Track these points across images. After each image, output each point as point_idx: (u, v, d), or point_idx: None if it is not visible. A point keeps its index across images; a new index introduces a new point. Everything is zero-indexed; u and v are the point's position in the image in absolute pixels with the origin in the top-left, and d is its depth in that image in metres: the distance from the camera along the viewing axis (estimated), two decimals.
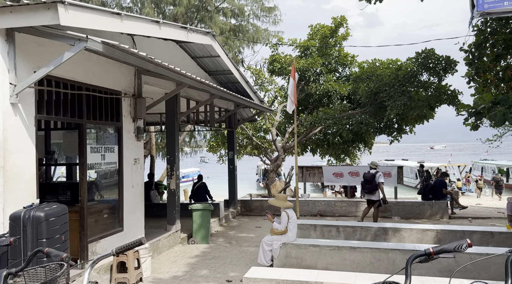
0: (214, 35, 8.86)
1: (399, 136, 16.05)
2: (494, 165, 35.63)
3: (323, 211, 12.94)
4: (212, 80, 11.14)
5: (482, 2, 3.41)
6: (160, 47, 8.18)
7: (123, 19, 5.36)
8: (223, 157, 18.75)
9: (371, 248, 6.15)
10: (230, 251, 8.07)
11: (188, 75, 6.70)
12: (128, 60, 5.14)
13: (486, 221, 11.61)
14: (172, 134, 8.62)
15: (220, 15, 18.31)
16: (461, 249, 2.06)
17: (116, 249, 2.38)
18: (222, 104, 11.63)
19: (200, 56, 9.87)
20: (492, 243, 7.11)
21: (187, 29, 7.44)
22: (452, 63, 13.76)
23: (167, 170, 8.70)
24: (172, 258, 7.64)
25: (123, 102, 6.78)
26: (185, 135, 20.37)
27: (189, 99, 9.52)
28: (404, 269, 2.13)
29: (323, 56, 16.56)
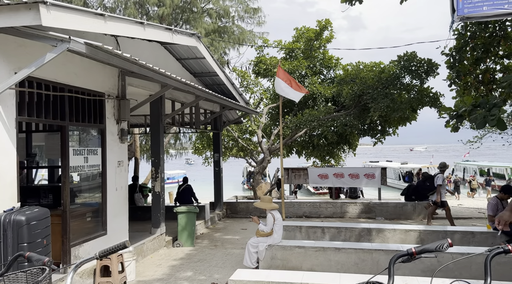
0: (200, 36, 8.83)
1: (383, 138, 16.28)
2: (475, 165, 36.41)
3: (309, 213, 13.02)
4: (198, 82, 11.10)
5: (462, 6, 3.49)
6: (144, 48, 8.12)
7: (106, 20, 5.30)
8: (209, 159, 18.68)
9: (355, 248, 6.21)
10: (216, 254, 8.05)
11: (173, 77, 6.66)
12: (112, 61, 5.08)
13: (467, 221, 11.86)
14: (157, 136, 8.56)
15: (205, 16, 18.29)
16: (443, 248, 2.11)
17: (99, 252, 2.35)
18: (208, 106, 11.60)
19: (185, 57, 9.82)
20: (473, 243, 7.26)
21: (172, 30, 7.40)
22: (433, 66, 14.03)
23: (152, 172, 8.62)
24: (156, 261, 7.57)
25: (106, 104, 6.70)
26: (170, 137, 20.22)
27: (174, 101, 9.46)
28: (387, 269, 2.17)
29: (308, 58, 16.69)
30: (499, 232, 3.78)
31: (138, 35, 6.34)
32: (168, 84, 6.89)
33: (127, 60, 5.32)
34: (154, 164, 8.56)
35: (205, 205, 11.52)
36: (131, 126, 14.42)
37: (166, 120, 9.03)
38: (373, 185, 14.52)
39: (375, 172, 14.24)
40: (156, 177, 8.47)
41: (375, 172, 14.24)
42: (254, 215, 6.99)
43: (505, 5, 3.40)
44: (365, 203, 13.02)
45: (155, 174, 8.51)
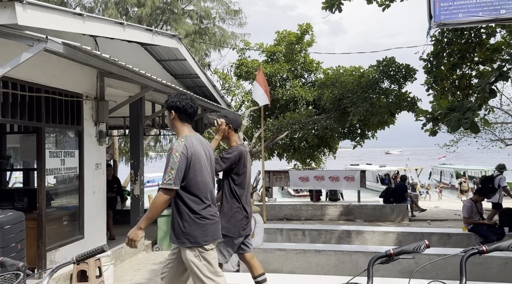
0: (180, 38, 8.77)
1: (362, 141, 16.53)
2: (452, 169, 37.33)
3: (290, 215, 13.07)
4: (179, 84, 11.02)
5: (439, 13, 3.59)
6: (124, 49, 8.01)
7: (85, 20, 5.20)
8: None
9: (335, 250, 6.27)
10: None
11: (153, 78, 6.59)
12: (90, 62, 4.99)
13: (444, 223, 12.14)
14: (136, 138, 8.43)
15: (186, 18, 18.21)
16: (420, 250, 2.15)
17: (76, 257, 2.29)
18: None
19: (166, 59, 9.74)
20: (449, 244, 7.45)
21: (152, 31, 7.32)
22: (411, 72, 14.36)
23: (131, 175, 8.49)
24: (135, 265, 7.44)
25: (84, 105, 6.57)
26: (150, 139, 19.98)
27: (155, 102, 9.36)
28: (366, 271, 2.19)
29: (289, 62, 16.81)
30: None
31: (117, 36, 6.25)
32: (148, 86, 6.81)
33: (106, 61, 5.23)
34: (133, 166, 8.42)
35: None
36: (110, 128, 14.17)
37: (146, 122, 8.92)
38: (353, 187, 14.72)
39: (355, 174, 14.44)
40: (135, 179, 8.34)
41: (355, 174, 14.44)
42: None
43: (480, 12, 3.51)
44: (344, 205, 13.17)
45: (134, 177, 8.37)
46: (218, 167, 3.91)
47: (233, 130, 4.11)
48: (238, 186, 4.01)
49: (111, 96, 7.75)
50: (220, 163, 3.92)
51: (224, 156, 3.96)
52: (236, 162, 3.97)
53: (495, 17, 3.47)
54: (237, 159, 3.97)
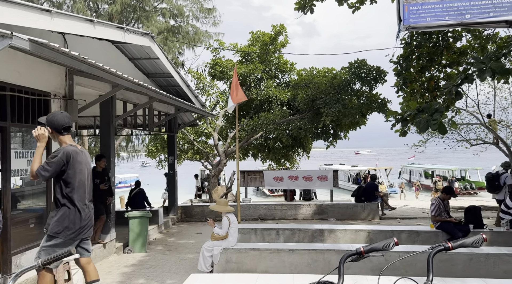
0: (153, 36, 8.64)
1: (335, 142, 16.79)
2: (420, 168, 38.48)
3: (264, 215, 13.11)
4: (151, 83, 10.85)
5: (408, 17, 3.69)
6: (94, 47, 7.80)
7: (53, 16, 5.04)
8: (163, 162, 18.29)
9: (308, 249, 6.33)
10: (169, 259, 7.87)
11: (125, 77, 6.45)
12: (59, 60, 4.83)
13: (413, 220, 12.49)
14: (107, 138, 8.24)
15: (159, 15, 17.95)
16: (389, 247, 2.20)
17: (42, 261, 2.21)
18: (162, 108, 11.36)
19: (138, 57, 9.56)
20: (418, 241, 7.67)
21: (124, 29, 7.18)
22: (382, 74, 14.70)
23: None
24: (106, 268, 7.27)
25: (52, 104, 6.36)
26: (121, 139, 19.58)
27: (126, 102, 9.18)
28: (338, 269, 2.23)
29: (264, 62, 16.87)
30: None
31: (87, 33, 6.09)
32: (120, 85, 6.67)
33: (75, 59, 5.09)
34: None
35: (159, 209, 11.25)
36: (79, 127, 13.81)
37: (117, 122, 8.73)
38: (326, 187, 14.94)
39: (328, 174, 14.66)
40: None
41: (328, 174, 14.66)
42: (210, 218, 6.93)
43: (446, 17, 3.63)
44: (318, 205, 13.34)
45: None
46: (45, 173, 3.66)
47: (58, 133, 3.86)
48: (72, 188, 3.79)
49: (81, 95, 7.54)
50: (47, 169, 3.67)
51: (49, 160, 3.73)
52: (65, 163, 3.74)
53: (461, 21, 3.60)
54: (64, 160, 3.74)
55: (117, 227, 8.44)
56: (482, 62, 5.86)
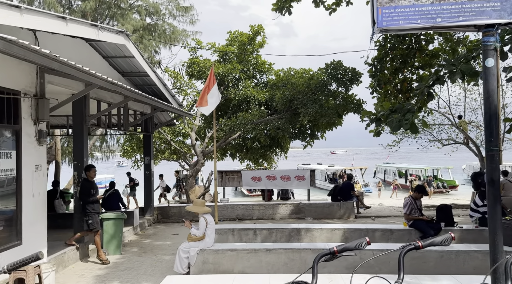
0: (128, 34, 8.49)
1: (312, 142, 16.95)
2: (394, 167, 39.33)
3: (242, 215, 13.10)
4: (126, 81, 10.66)
5: (381, 19, 3.75)
6: (67, 44, 7.60)
7: (23, 12, 4.88)
8: (139, 162, 18.00)
9: (285, 249, 6.37)
10: (145, 261, 7.76)
11: (98, 76, 6.31)
12: (29, 57, 4.68)
13: (387, 219, 12.76)
14: (80, 138, 8.04)
15: (134, 13, 17.64)
16: (361, 247, 2.24)
17: (8, 265, 2.14)
18: (138, 107, 11.18)
19: (112, 56, 9.38)
20: (391, 239, 7.83)
21: (98, 27, 7.02)
22: (357, 75, 14.94)
23: (74, 177, 8.08)
24: (79, 271, 7.10)
25: (22, 103, 6.15)
26: (95, 139, 19.14)
27: (100, 101, 8.98)
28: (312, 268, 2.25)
29: (242, 62, 16.86)
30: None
31: (59, 31, 5.93)
32: (93, 83, 6.52)
33: (46, 57, 4.94)
34: (76, 168, 8.03)
35: (134, 210, 11.08)
36: (51, 127, 13.43)
37: (90, 121, 8.54)
38: (303, 186, 15.06)
39: (305, 174, 14.78)
40: (79, 182, 7.95)
41: (305, 174, 14.78)
42: (186, 219, 6.87)
43: (418, 20, 3.70)
44: (295, 204, 13.44)
45: (77, 179, 7.99)
46: None
47: None
48: None
49: (53, 94, 7.32)
50: None
51: None
52: None
53: (432, 25, 3.68)
54: None
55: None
56: (452, 64, 6.04)
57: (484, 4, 3.56)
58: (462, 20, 3.55)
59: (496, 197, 3.52)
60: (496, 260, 3.38)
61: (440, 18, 3.58)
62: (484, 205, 7.75)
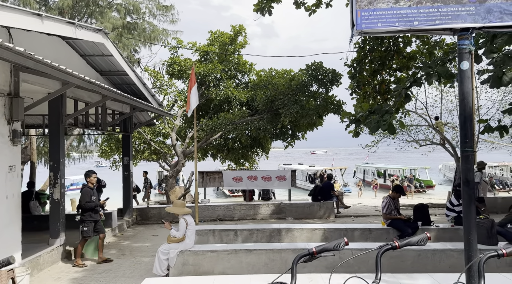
0: (107, 33, 8.33)
1: (293, 142, 17.04)
2: (373, 167, 39.99)
3: (223, 216, 13.06)
4: (105, 80, 10.46)
5: (360, 22, 3.80)
6: (43, 42, 7.40)
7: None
8: (117, 162, 17.70)
9: (266, 249, 6.37)
10: (123, 263, 7.63)
11: (75, 74, 6.17)
12: (2, 55, 4.53)
13: (366, 218, 12.94)
14: (56, 138, 7.85)
15: (113, 11, 17.33)
16: (340, 247, 2.26)
17: None
18: (116, 106, 10.99)
19: (90, 54, 9.19)
20: (370, 239, 7.94)
21: (75, 24, 6.87)
22: (337, 76, 15.10)
23: (50, 178, 7.88)
24: (55, 274, 6.92)
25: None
26: (72, 139, 18.72)
27: (78, 100, 8.79)
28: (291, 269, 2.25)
29: (223, 62, 16.80)
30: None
31: (35, 28, 5.76)
32: (70, 82, 6.37)
33: (20, 55, 4.79)
34: (52, 168, 7.83)
35: (113, 211, 10.88)
36: (27, 127, 13.08)
37: (67, 121, 8.34)
38: (284, 187, 15.11)
39: (286, 174, 14.84)
40: (55, 183, 7.76)
41: (286, 174, 14.84)
42: (166, 221, 6.79)
43: (396, 23, 3.77)
44: (276, 204, 13.47)
45: (54, 180, 7.79)
46: None
47: None
48: None
49: (28, 93, 7.12)
50: None
51: None
52: None
53: (410, 28, 3.74)
54: None
55: (68, 231, 8.08)
56: (429, 67, 6.18)
57: (459, 9, 3.65)
58: (439, 23, 3.63)
59: (471, 196, 3.61)
60: (471, 258, 3.47)
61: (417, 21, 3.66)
62: (460, 204, 7.94)
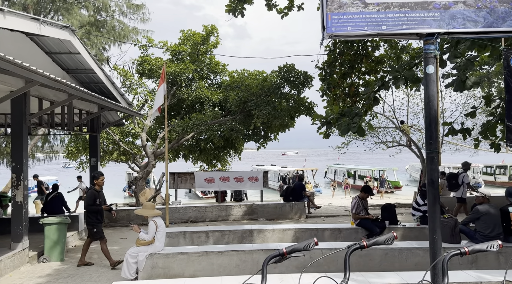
0: (74, 30, 8.08)
1: (265, 143, 17.12)
2: (344, 168, 40.79)
3: (194, 217, 12.92)
4: (72, 79, 10.14)
5: (331, 25, 3.86)
6: (5, 38, 7.08)
7: None
8: (84, 163, 17.19)
9: (237, 250, 6.35)
10: (90, 267, 7.41)
11: (40, 72, 5.94)
12: None
13: (336, 218, 13.15)
14: (19, 138, 7.52)
15: (81, 8, 16.83)
16: (309, 247, 2.28)
17: None
18: (84, 106, 10.66)
19: (56, 52, 8.88)
20: (340, 238, 8.08)
21: (39, 20, 6.62)
22: (309, 78, 15.30)
23: (12, 179, 7.55)
24: (17, 280, 6.63)
25: None
26: (37, 139, 18.02)
27: (43, 99, 8.47)
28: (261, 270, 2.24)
29: (195, 62, 16.65)
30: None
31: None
32: (34, 80, 6.12)
33: None
34: (15, 170, 7.50)
35: (79, 214, 10.54)
36: None
37: (31, 120, 8.02)
38: (256, 187, 15.16)
39: (258, 175, 14.89)
40: (17, 184, 7.44)
41: (258, 175, 14.89)
42: (135, 223, 6.65)
43: (365, 27, 3.85)
44: (248, 205, 13.48)
45: (16, 182, 7.46)
46: None
47: None
48: None
49: None
50: None
51: None
52: None
53: (378, 32, 3.83)
54: None
55: (31, 234, 7.77)
56: (397, 71, 6.36)
57: (425, 14, 3.78)
58: (406, 28, 3.75)
59: (436, 196, 3.74)
60: (435, 256, 3.59)
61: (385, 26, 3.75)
62: (425, 204, 8.21)
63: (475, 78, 6.16)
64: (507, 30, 3.72)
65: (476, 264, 6.07)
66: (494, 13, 3.69)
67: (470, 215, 6.75)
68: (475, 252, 2.28)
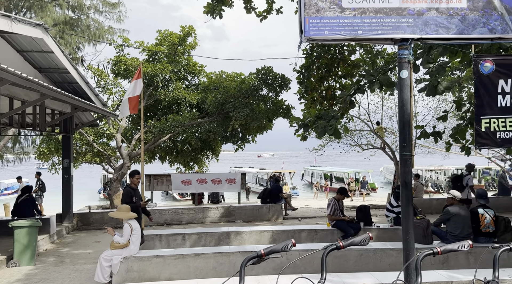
0: (47, 28, 7.86)
1: (243, 145, 17.10)
2: (320, 171, 41.24)
3: (170, 220, 12.77)
4: (44, 78, 9.85)
5: (308, 29, 3.91)
6: None
7: None
8: (57, 165, 16.70)
9: (214, 253, 6.32)
10: (62, 271, 7.19)
11: (10, 71, 5.74)
12: None
13: (312, 220, 13.29)
14: None
15: (55, 6, 16.38)
16: (287, 248, 2.29)
17: None
18: (56, 106, 10.38)
19: (28, 50, 8.61)
20: (316, 239, 8.16)
21: (11, 18, 6.40)
22: (286, 81, 15.40)
23: None
24: None
25: None
26: (7, 140, 17.37)
27: (13, 98, 8.19)
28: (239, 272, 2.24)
29: (172, 63, 16.46)
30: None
31: None
32: (4, 79, 5.91)
33: None
34: None
35: (51, 217, 10.25)
36: None
37: (1, 120, 7.74)
38: (234, 189, 15.12)
39: (236, 177, 14.85)
40: None
41: (236, 177, 14.85)
42: (110, 226, 6.51)
43: (342, 31, 3.92)
44: (225, 207, 13.44)
45: None
46: None
47: None
48: None
49: None
50: None
51: None
52: None
53: (354, 36, 3.91)
54: None
55: (1, 237, 7.48)
56: (372, 75, 6.50)
57: (400, 20, 3.88)
58: (381, 33, 3.84)
59: (409, 198, 3.84)
60: (409, 257, 3.68)
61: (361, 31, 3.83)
62: (398, 205, 8.40)
63: (446, 83, 6.36)
64: (477, 37, 3.87)
65: (447, 264, 6.26)
66: (465, 21, 3.83)
67: (441, 216, 6.95)
68: (447, 252, 2.36)
